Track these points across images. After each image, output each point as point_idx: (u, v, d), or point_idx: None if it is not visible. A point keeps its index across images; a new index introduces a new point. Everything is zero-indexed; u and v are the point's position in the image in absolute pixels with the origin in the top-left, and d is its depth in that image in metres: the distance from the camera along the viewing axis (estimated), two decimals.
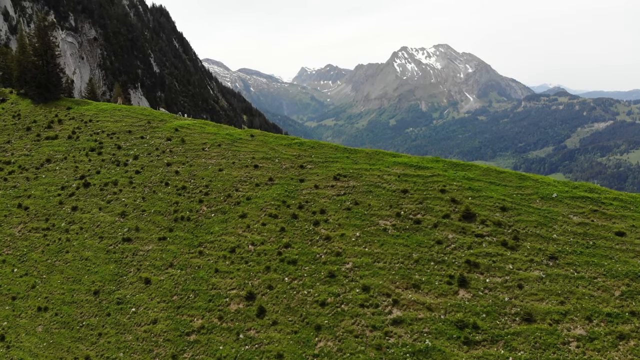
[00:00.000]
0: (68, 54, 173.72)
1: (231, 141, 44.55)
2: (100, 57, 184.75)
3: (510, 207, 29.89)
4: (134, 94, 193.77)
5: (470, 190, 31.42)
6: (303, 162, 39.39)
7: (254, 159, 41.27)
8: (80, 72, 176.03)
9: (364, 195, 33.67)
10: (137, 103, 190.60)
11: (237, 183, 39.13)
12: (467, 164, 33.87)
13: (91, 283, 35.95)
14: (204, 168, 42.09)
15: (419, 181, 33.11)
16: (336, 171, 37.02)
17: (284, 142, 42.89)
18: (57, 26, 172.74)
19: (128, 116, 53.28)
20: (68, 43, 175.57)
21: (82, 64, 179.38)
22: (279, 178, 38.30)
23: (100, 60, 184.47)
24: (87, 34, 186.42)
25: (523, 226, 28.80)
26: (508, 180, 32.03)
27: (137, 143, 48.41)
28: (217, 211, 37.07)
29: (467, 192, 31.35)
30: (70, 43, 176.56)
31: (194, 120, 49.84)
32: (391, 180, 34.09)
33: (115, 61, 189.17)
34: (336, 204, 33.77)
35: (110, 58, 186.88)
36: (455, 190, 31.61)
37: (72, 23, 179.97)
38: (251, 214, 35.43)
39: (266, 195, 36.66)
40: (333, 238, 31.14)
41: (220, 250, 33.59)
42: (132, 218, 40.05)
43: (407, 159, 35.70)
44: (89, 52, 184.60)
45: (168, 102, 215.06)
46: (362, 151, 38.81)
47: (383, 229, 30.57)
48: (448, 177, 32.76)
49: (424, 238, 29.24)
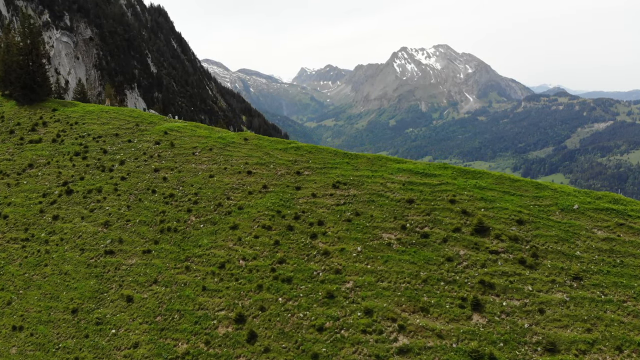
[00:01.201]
0: (63, 54, 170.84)
1: (223, 145, 41.74)
2: (96, 57, 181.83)
3: (528, 220, 27.10)
4: (131, 95, 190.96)
5: (482, 200, 28.63)
6: (300, 168, 36.61)
7: (247, 165, 38.47)
8: (76, 72, 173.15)
9: (365, 205, 30.88)
10: (133, 104, 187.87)
11: (228, 191, 36.32)
12: (478, 171, 31.08)
13: (70, 300, 33.13)
14: (193, 174, 39.29)
15: (426, 190, 30.32)
16: (335, 178, 34.23)
17: (280, 146, 40.11)
18: (52, 25, 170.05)
19: (116, 118, 50.47)
20: (63, 43, 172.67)
21: (78, 64, 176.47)
22: (274, 185, 35.51)
23: (96, 61, 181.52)
24: (83, 33, 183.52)
25: (542, 242, 26.01)
26: (524, 189, 29.25)
27: (124, 147, 45.58)
28: (207, 222, 34.26)
29: (479, 202, 28.56)
30: (65, 43, 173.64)
31: (184, 123, 47.06)
32: (395, 189, 31.30)
33: (112, 61, 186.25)
34: (335, 215, 30.98)
35: (106, 58, 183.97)
36: (466, 200, 28.82)
37: (67, 22, 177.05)
38: (243, 225, 32.63)
39: (260, 205, 33.86)
40: (332, 253, 28.35)
41: (208, 266, 30.78)
42: (115, 228, 37.24)
43: (413, 166, 32.90)
44: (85, 52, 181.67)
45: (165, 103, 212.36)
46: (364, 156, 36.02)
47: (387, 243, 27.78)
48: (458, 185, 29.97)
49: (432, 254, 26.44)
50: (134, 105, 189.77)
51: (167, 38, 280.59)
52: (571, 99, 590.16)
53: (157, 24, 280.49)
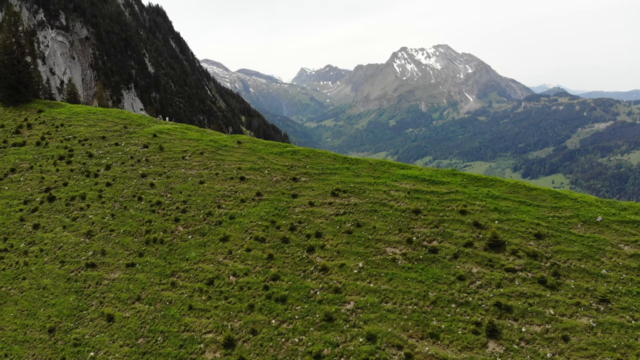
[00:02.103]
0: (58, 54, 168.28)
1: (215, 148, 39.18)
2: (92, 57, 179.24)
3: (547, 234, 24.56)
4: (127, 95, 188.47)
5: (496, 211, 26.07)
6: (296, 174, 34.05)
7: (240, 170, 35.90)
8: (71, 72, 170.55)
9: (367, 216, 28.33)
10: (130, 104, 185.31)
11: (219, 198, 33.75)
12: (490, 178, 28.54)
13: (47, 318, 30.56)
14: (182, 180, 36.72)
15: (434, 199, 27.76)
16: (334, 185, 31.67)
17: (275, 150, 37.55)
18: (47, 25, 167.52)
19: (103, 120, 47.90)
20: (58, 42, 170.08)
21: (73, 64, 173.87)
22: (268, 193, 32.94)
23: (92, 60, 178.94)
24: (79, 33, 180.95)
25: (564, 258, 23.46)
26: (541, 199, 26.70)
27: (111, 151, 43.01)
28: (195, 232, 31.69)
29: (493, 214, 26.01)
30: (60, 42, 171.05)
31: (175, 125, 44.51)
32: (400, 198, 28.73)
33: (108, 61, 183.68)
34: (334, 226, 28.42)
35: (102, 58, 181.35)
36: (478, 211, 26.26)
37: (62, 22, 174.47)
38: (234, 236, 30.05)
39: (252, 214, 31.30)
40: (331, 269, 25.80)
41: (196, 282, 28.22)
42: (98, 239, 34.67)
43: (418, 172, 30.33)
44: (81, 51, 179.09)
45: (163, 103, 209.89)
46: (365, 161, 33.46)
47: (391, 258, 25.23)
48: (468, 194, 27.42)
49: (442, 272, 23.89)
50: (131, 105, 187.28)
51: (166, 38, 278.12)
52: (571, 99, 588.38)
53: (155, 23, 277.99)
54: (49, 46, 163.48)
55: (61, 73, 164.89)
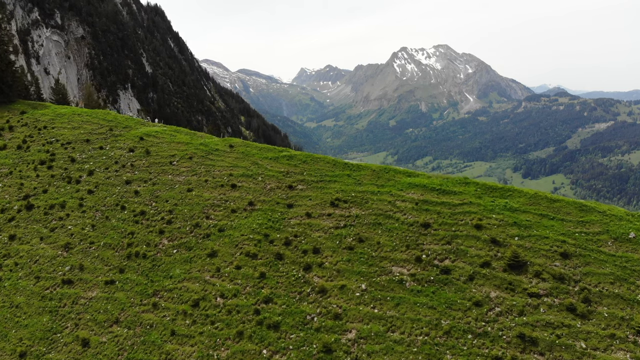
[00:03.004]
0: (53, 53, 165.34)
1: (205, 153, 36.35)
2: (88, 56, 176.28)
3: (574, 253, 21.75)
4: (124, 95, 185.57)
5: (515, 226, 23.26)
6: (292, 182, 31.23)
7: (232, 177, 33.07)
8: (67, 72, 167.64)
9: (371, 229, 25.52)
10: (127, 104, 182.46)
11: (208, 208, 30.92)
12: (507, 188, 25.72)
13: (18, 341, 27.73)
14: (169, 187, 33.88)
15: (445, 211, 24.95)
16: (334, 194, 28.85)
17: (270, 154, 34.72)
18: (42, 24, 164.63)
19: (88, 122, 45.06)
20: (53, 42, 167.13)
21: (69, 64, 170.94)
22: (262, 202, 30.12)
23: (87, 60, 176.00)
24: (75, 32, 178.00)
25: (594, 282, 20.66)
26: (565, 212, 23.89)
27: (95, 155, 40.18)
28: (181, 246, 28.87)
29: (512, 229, 23.20)
30: (55, 42, 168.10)
31: (163, 127, 41.68)
32: (407, 209, 25.92)
33: (104, 61, 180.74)
34: (334, 241, 25.61)
35: (98, 57, 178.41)
36: (495, 226, 23.44)
37: (58, 21, 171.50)
38: (223, 251, 27.22)
39: (244, 226, 28.47)
40: (330, 291, 22.98)
41: (179, 303, 25.41)
42: (77, 252, 31.84)
43: (427, 180, 27.49)
44: (76, 51, 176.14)
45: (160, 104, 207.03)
46: (367, 167, 30.64)
47: (398, 280, 22.42)
48: (484, 206, 24.60)
49: (456, 296, 21.09)
50: (127, 105, 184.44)
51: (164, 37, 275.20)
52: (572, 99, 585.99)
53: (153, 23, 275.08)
54: (43, 45, 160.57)
55: (56, 73, 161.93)
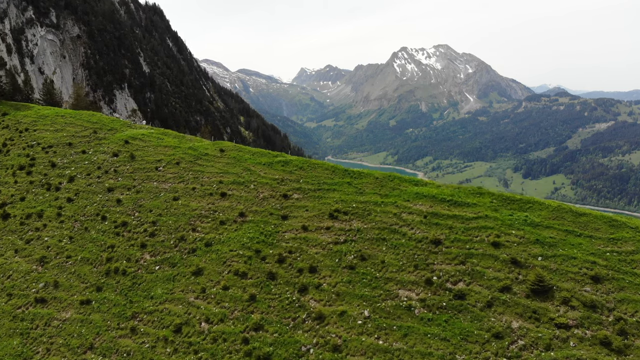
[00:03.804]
0: (48, 53, 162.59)
1: (194, 158, 33.66)
2: (84, 55, 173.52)
3: (606, 276, 19.08)
4: (120, 95, 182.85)
5: (538, 244, 20.58)
6: (288, 190, 28.54)
7: (222, 184, 30.38)
8: (62, 72, 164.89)
9: (374, 246, 22.84)
10: (123, 104, 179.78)
11: (195, 219, 28.23)
12: (526, 199, 23.04)
13: None
14: (154, 196, 31.19)
15: (458, 226, 22.25)
16: (333, 205, 26.17)
17: (264, 159, 32.03)
18: (36, 23, 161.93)
19: (72, 124, 42.38)
20: (48, 41, 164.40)
21: (64, 63, 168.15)
22: (254, 213, 27.44)
23: (83, 60, 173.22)
24: (70, 31, 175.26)
25: (631, 310, 17.99)
26: (593, 227, 21.21)
27: (77, 159, 37.49)
28: (164, 262, 26.19)
29: (535, 247, 20.51)
30: (50, 41, 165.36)
31: (151, 130, 39.00)
32: (414, 223, 23.23)
33: (100, 60, 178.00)
34: (333, 258, 22.93)
35: (94, 57, 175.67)
36: (515, 244, 20.75)
37: (53, 20, 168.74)
38: (209, 269, 24.54)
39: (233, 240, 25.79)
40: (328, 318, 20.30)
41: (160, 328, 22.73)
42: (52, 267, 29.16)
43: (436, 190, 24.78)
44: (72, 50, 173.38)
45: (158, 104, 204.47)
46: (370, 175, 27.94)
47: (406, 306, 19.74)
48: (501, 221, 21.91)
49: (472, 326, 18.41)
50: (124, 105, 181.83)
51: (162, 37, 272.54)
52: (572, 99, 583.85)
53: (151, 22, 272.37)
54: (38, 45, 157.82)
55: (51, 72, 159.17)
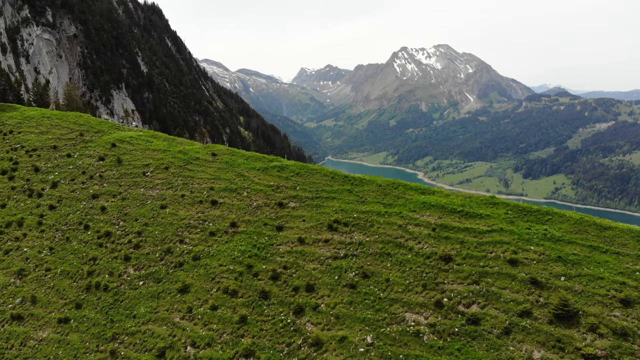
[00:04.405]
0: (44, 52, 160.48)
1: (184, 162, 31.56)
2: (81, 55, 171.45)
3: (637, 300, 17.00)
4: (118, 95, 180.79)
5: (561, 262, 18.50)
6: (283, 198, 26.47)
7: (213, 191, 28.29)
8: (58, 71, 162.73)
9: (377, 262, 20.76)
10: (120, 105, 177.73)
11: (183, 229, 26.15)
12: (544, 210, 20.95)
13: None
14: (140, 203, 29.11)
15: (470, 240, 20.17)
16: (332, 215, 24.08)
17: (258, 164, 29.94)
18: (32, 22, 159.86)
19: (58, 126, 40.31)
20: (44, 40, 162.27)
21: (60, 63, 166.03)
22: (246, 223, 25.36)
23: (80, 59, 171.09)
24: (67, 30, 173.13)
25: None
26: (619, 242, 19.13)
27: (61, 164, 35.40)
28: (149, 277, 24.11)
29: (557, 265, 18.43)
30: (46, 40, 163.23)
31: (140, 132, 36.93)
32: (422, 236, 21.15)
33: (97, 60, 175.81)
34: (332, 275, 20.85)
35: (91, 56, 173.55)
36: (534, 261, 18.67)
37: (49, 19, 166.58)
38: (197, 286, 22.46)
39: (223, 253, 23.71)
40: (326, 344, 18.23)
41: (142, 351, 20.65)
42: (31, 280, 27.08)
43: (445, 199, 22.67)
44: (69, 49, 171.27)
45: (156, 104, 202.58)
46: (372, 182, 25.85)
47: (414, 331, 17.66)
48: (518, 235, 19.83)
49: (487, 356, 16.33)
50: (121, 106, 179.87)
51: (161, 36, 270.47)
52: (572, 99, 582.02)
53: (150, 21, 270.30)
54: (33, 44, 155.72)
55: (47, 72, 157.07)
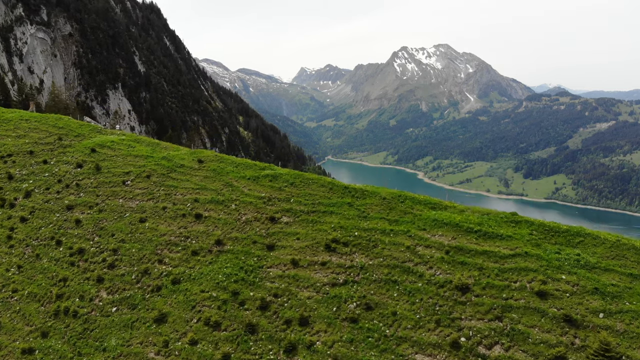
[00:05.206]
0: (38, 52, 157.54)
1: (167, 170, 28.74)
2: (76, 54, 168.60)
3: None
4: (114, 95, 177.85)
5: (598, 295, 15.71)
6: (275, 212, 23.66)
7: (197, 203, 25.48)
8: (52, 71, 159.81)
9: (382, 291, 17.96)
10: (116, 105, 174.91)
11: (163, 247, 23.34)
12: (574, 230, 18.15)
13: None
14: (118, 216, 26.30)
15: (490, 267, 17.37)
16: (330, 232, 21.27)
17: (249, 173, 27.11)
18: (26, 20, 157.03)
19: (36, 129, 37.50)
20: (39, 39, 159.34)
21: (55, 63, 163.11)
22: (233, 241, 22.55)
23: (75, 58, 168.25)
24: (62, 29, 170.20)
25: None
26: None
27: (37, 171, 32.58)
28: (123, 303, 21.31)
29: (594, 299, 15.64)
30: (41, 39, 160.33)
31: (122, 136, 34.10)
32: (433, 261, 18.35)
33: (93, 59, 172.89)
34: (330, 306, 18.06)
35: (86, 56, 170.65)
36: (567, 294, 15.87)
37: (44, 17, 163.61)
38: (175, 316, 19.66)
39: (206, 277, 20.91)
40: None
41: None
42: None
43: (460, 216, 19.81)
44: (64, 49, 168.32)
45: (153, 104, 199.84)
46: (375, 194, 23.01)
47: None
48: (546, 260, 17.03)
49: None
50: (117, 106, 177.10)
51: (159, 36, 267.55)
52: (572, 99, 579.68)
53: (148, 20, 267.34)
54: (27, 43, 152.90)
55: (41, 72, 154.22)
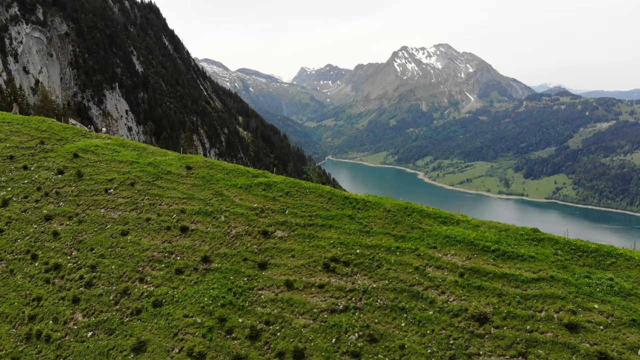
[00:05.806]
0: (34, 51, 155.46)
1: (153, 177, 26.61)
2: (72, 54, 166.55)
3: None
4: (111, 95, 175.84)
5: (636, 327, 13.56)
6: (269, 225, 21.54)
7: (184, 214, 23.35)
8: (48, 71, 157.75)
9: (388, 319, 15.84)
10: (113, 105, 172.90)
11: (145, 264, 21.22)
12: (605, 250, 16.01)
13: None
14: (99, 228, 24.19)
15: (511, 293, 15.24)
16: (329, 249, 19.15)
17: (240, 181, 24.98)
18: (22, 20, 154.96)
19: (18, 132, 35.37)
20: (34, 39, 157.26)
21: (51, 62, 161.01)
22: (222, 258, 20.43)
23: (71, 58, 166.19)
24: (58, 28, 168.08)
25: None
26: None
27: (16, 177, 30.45)
28: (99, 327, 19.20)
29: (631, 332, 13.51)
30: (37, 39, 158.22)
31: (107, 140, 31.99)
32: (446, 284, 16.22)
33: (90, 59, 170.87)
34: (328, 337, 15.94)
35: (83, 55, 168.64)
36: (601, 326, 13.74)
37: (39, 16, 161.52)
38: (155, 344, 17.54)
39: (190, 299, 18.79)
40: None
41: None
42: None
43: (474, 233, 17.66)
44: (60, 48, 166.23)
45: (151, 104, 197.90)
46: (379, 205, 20.87)
47: None
48: (575, 286, 14.91)
49: None
50: (115, 106, 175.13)
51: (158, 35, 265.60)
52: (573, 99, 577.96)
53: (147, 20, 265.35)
54: (22, 42, 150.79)
55: (36, 72, 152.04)
